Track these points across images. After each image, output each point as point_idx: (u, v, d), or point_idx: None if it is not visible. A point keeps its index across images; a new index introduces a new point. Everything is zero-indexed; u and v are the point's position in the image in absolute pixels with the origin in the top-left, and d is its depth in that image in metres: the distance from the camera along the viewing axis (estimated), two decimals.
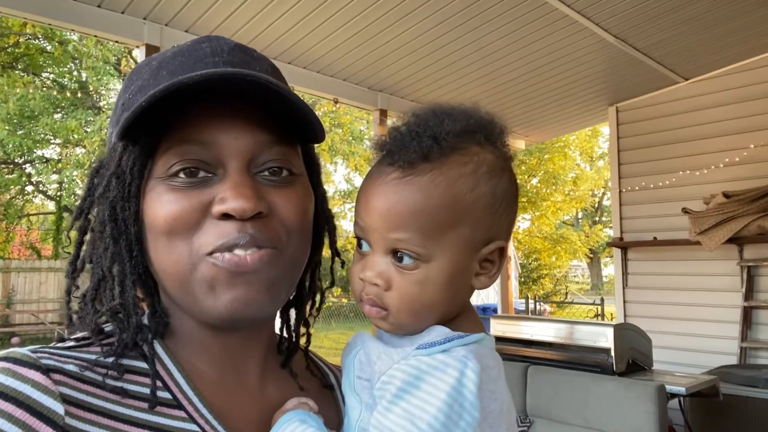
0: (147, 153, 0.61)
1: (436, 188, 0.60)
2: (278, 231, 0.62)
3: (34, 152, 14.11)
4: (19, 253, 16.02)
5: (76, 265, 0.65)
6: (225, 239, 0.58)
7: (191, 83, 0.55)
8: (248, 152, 0.61)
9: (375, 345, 0.64)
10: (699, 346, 4.69)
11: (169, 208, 0.59)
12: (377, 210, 0.62)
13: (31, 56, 13.90)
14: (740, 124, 4.62)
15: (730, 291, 4.59)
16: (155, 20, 3.29)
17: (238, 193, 0.58)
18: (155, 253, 0.61)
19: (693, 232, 4.52)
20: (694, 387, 3.16)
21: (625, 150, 5.31)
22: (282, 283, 0.63)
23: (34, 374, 0.52)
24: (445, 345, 0.59)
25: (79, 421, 0.53)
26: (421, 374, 0.57)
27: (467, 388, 0.56)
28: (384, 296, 0.62)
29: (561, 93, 4.92)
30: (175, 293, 0.62)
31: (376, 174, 0.63)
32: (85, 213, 0.65)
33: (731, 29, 4.07)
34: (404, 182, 0.61)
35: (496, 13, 3.50)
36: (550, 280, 19.75)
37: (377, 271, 0.62)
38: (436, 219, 0.61)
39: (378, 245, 0.62)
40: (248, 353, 0.68)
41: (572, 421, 3.05)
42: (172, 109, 0.58)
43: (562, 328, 3.57)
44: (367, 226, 0.63)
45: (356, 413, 0.63)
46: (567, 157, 18.24)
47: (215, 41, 0.64)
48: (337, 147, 14.90)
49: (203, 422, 0.59)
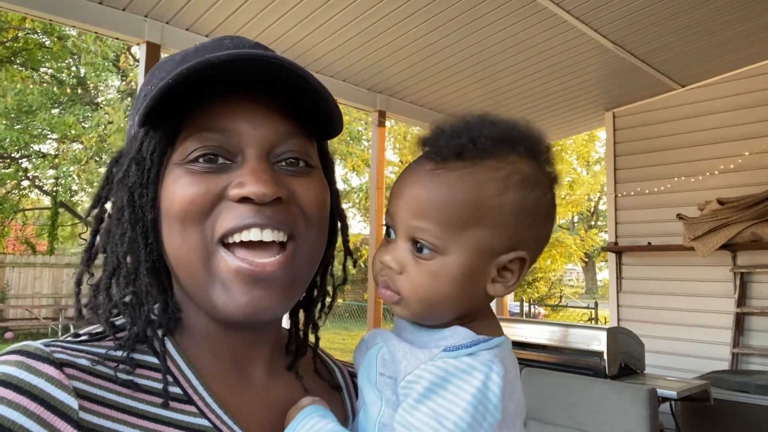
0: (168, 139, 0.61)
1: (463, 185, 0.62)
2: (297, 217, 0.62)
3: (31, 147, 14.06)
4: (13, 248, 15.98)
5: (91, 252, 0.64)
6: (240, 219, 0.58)
7: (217, 62, 0.55)
8: (267, 142, 0.61)
9: (400, 344, 0.65)
10: (691, 351, 4.72)
11: (185, 191, 0.59)
12: (404, 197, 0.65)
13: (30, 51, 13.86)
14: (736, 131, 4.66)
15: (723, 297, 4.62)
16: (156, 18, 3.30)
17: (258, 177, 0.58)
18: (169, 241, 0.61)
19: (687, 238, 4.56)
20: (685, 391, 3.18)
21: (621, 155, 5.34)
22: (298, 282, 0.64)
23: (47, 368, 0.52)
24: (471, 348, 0.61)
25: (92, 415, 0.53)
26: (448, 376, 0.59)
27: (492, 391, 0.58)
28: (397, 280, 0.65)
29: (558, 98, 4.95)
30: (188, 285, 0.62)
31: (413, 165, 0.66)
32: (102, 201, 0.65)
33: (728, 37, 4.10)
34: (433, 174, 0.63)
35: (496, 18, 3.52)
36: (545, 284, 19.79)
37: (396, 256, 0.65)
38: (457, 214, 0.62)
39: (401, 232, 0.65)
40: (255, 352, 0.68)
41: (564, 423, 3.07)
42: (194, 97, 0.59)
43: (556, 331, 3.60)
44: (394, 213, 0.66)
45: (376, 409, 0.63)
46: (563, 161, 18.29)
47: (237, 39, 0.66)
48: (335, 147, 14.91)
49: (214, 417, 0.59)
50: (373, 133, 4.77)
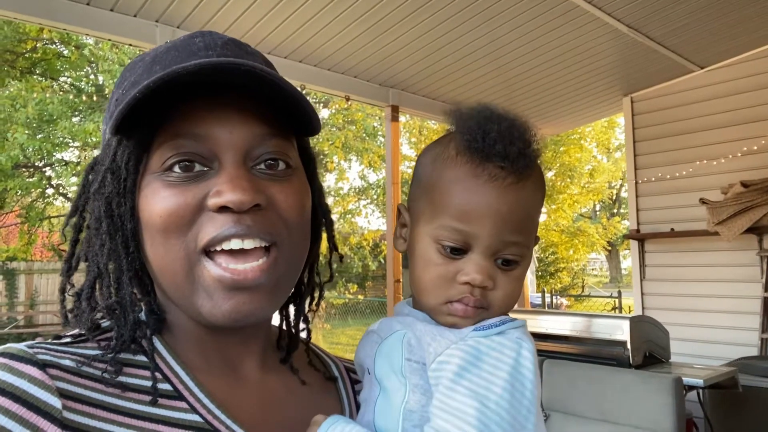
0: (142, 147, 0.60)
1: (538, 192, 0.67)
2: (277, 224, 0.61)
3: (54, 155, 14.32)
4: (41, 255, 16.30)
5: (71, 263, 0.64)
6: (220, 230, 0.57)
7: (184, 73, 0.55)
8: (244, 145, 0.60)
9: (427, 328, 0.65)
10: (719, 337, 4.63)
11: (164, 203, 0.58)
12: (498, 214, 0.63)
13: (49, 61, 14.10)
14: (758, 112, 4.54)
15: (750, 282, 4.52)
16: (167, 23, 3.33)
17: (235, 185, 0.57)
18: (151, 250, 0.61)
19: (711, 223, 4.46)
20: (712, 379, 3.12)
21: (640, 141, 5.25)
22: (283, 286, 0.64)
23: (30, 369, 0.52)
24: (500, 327, 0.63)
25: (77, 414, 0.53)
26: (481, 355, 0.60)
27: (525, 366, 0.60)
28: (488, 295, 0.65)
29: (574, 85, 4.87)
30: (171, 292, 0.62)
31: (489, 181, 0.63)
32: (80, 210, 0.65)
33: (746, 15, 3.99)
34: (519, 188, 0.64)
35: (507, 6, 3.48)
36: (567, 274, 19.60)
37: (486, 273, 0.64)
38: (536, 220, 0.67)
39: (486, 248, 0.64)
40: (245, 351, 0.68)
41: (589, 414, 3.04)
42: (167, 102, 0.58)
43: (578, 321, 3.56)
44: (475, 231, 0.63)
45: (400, 396, 0.63)
46: (583, 149, 18.07)
47: (208, 36, 0.64)
48: (351, 144, 14.90)
49: (205, 412, 0.59)
50: (387, 128, 4.76)
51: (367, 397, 0.69)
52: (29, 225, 15.19)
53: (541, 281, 18.27)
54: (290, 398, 0.69)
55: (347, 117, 14.75)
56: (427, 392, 0.61)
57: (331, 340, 12.19)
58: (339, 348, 11.16)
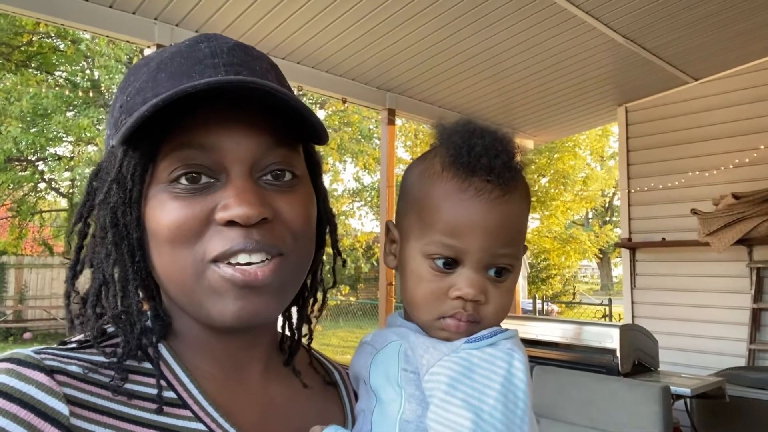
0: (148, 158, 0.60)
1: (525, 203, 0.67)
2: (284, 236, 0.61)
3: (47, 150, 14.23)
4: (31, 250, 16.18)
5: (75, 270, 0.64)
6: (230, 245, 0.57)
7: (194, 92, 0.54)
8: (250, 156, 0.60)
9: (420, 339, 0.66)
10: (707, 347, 4.66)
11: (172, 216, 0.58)
12: (487, 228, 0.63)
13: (44, 55, 14.03)
14: (750, 124, 4.59)
15: (739, 293, 4.56)
16: (166, 20, 3.33)
17: (242, 199, 0.57)
18: (159, 260, 0.60)
19: (702, 233, 4.50)
20: (699, 388, 3.14)
21: (634, 150, 5.29)
22: (289, 288, 0.64)
23: (37, 375, 0.52)
24: (491, 339, 0.63)
25: (84, 421, 0.53)
26: (473, 366, 0.60)
27: (517, 377, 0.60)
28: (481, 309, 0.65)
29: (570, 93, 4.91)
30: (179, 297, 0.62)
31: (476, 195, 0.64)
32: (84, 217, 0.65)
33: (741, 29, 4.04)
34: (506, 200, 0.64)
35: (505, 14, 3.50)
36: (559, 280, 19.66)
37: (479, 287, 0.64)
38: (524, 230, 0.68)
39: (477, 262, 0.64)
40: (251, 353, 0.68)
41: (577, 421, 3.05)
42: (173, 113, 0.57)
43: (568, 328, 3.58)
44: (465, 245, 0.63)
45: (396, 406, 0.64)
46: (577, 156, 18.15)
47: (214, 41, 0.63)
48: (346, 146, 14.91)
49: (209, 420, 0.59)
50: (383, 131, 4.77)
51: (364, 408, 0.69)
52: (20, 219, 15.09)
53: (532, 287, 18.31)
54: (292, 405, 0.69)
55: (343, 119, 14.76)
56: (423, 402, 0.62)
57: (322, 342, 12.17)
58: (330, 350, 11.15)
